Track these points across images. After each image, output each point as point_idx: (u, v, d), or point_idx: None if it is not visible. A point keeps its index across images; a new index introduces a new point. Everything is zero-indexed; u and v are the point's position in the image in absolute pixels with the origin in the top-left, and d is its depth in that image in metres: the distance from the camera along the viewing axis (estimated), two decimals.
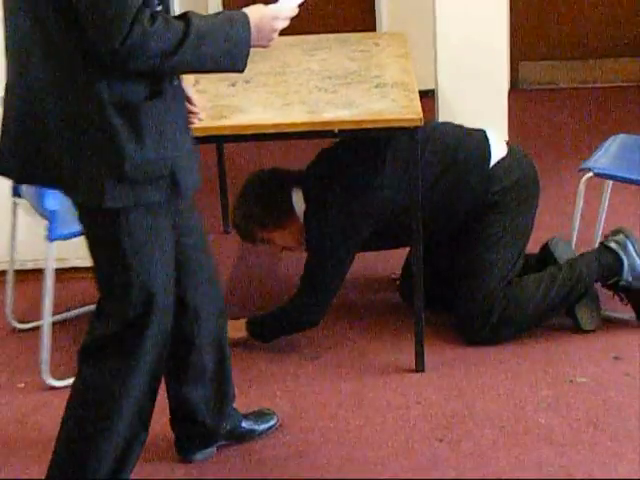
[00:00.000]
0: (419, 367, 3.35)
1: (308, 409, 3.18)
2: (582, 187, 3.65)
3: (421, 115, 3.10)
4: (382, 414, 3.13)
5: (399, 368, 3.38)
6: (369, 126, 3.11)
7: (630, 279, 3.52)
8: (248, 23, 2.42)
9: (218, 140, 3.83)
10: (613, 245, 3.55)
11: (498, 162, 3.49)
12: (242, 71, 2.45)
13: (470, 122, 4.57)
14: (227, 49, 2.38)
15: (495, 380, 3.28)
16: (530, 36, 6.64)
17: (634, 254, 3.52)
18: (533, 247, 3.69)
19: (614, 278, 3.54)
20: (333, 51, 3.98)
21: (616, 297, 3.62)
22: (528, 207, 3.56)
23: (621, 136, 3.95)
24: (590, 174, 3.63)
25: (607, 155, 3.79)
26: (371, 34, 4.64)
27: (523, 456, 2.89)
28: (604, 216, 4.06)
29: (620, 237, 3.57)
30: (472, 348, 3.47)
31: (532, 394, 3.19)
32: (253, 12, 2.45)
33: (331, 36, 4.31)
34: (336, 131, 3.11)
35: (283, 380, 3.35)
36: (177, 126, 2.41)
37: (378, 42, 4.12)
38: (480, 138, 3.53)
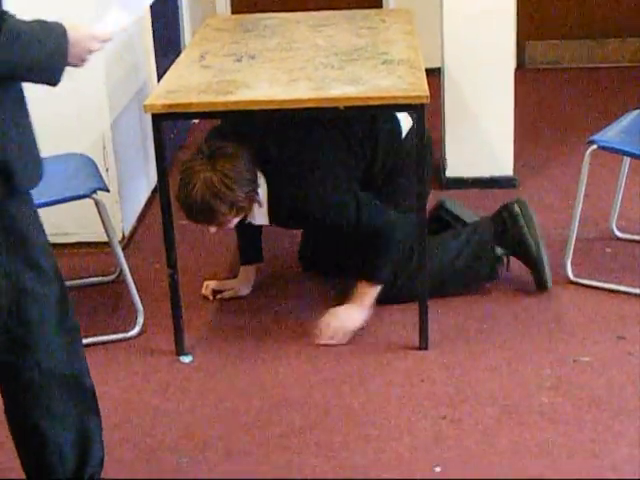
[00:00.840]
0: (423, 345, 3.35)
1: (311, 386, 3.19)
2: (587, 159, 3.63)
3: (427, 92, 3.09)
4: (385, 391, 3.14)
5: (403, 346, 3.38)
6: (375, 103, 3.10)
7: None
8: (65, 36, 2.30)
9: (223, 115, 3.81)
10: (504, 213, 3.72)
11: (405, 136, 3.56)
12: (55, 85, 2.31)
13: (476, 100, 4.58)
14: (40, 58, 2.25)
15: (498, 359, 3.28)
16: (537, 15, 6.62)
17: (521, 222, 3.68)
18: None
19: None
20: (340, 27, 3.96)
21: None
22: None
23: (637, 112, 3.92)
24: (594, 147, 3.61)
25: (616, 129, 3.76)
26: (378, 11, 4.61)
27: (525, 435, 2.89)
28: (621, 194, 4.06)
29: (513, 206, 3.72)
30: (476, 327, 3.48)
31: (535, 373, 3.19)
32: (71, 27, 2.33)
33: (338, 13, 4.29)
34: (342, 107, 3.10)
35: (287, 357, 3.36)
36: (6, 117, 2.27)
37: (385, 19, 4.11)
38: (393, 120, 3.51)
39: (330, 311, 3.48)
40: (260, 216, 3.37)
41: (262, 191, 3.30)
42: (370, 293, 3.46)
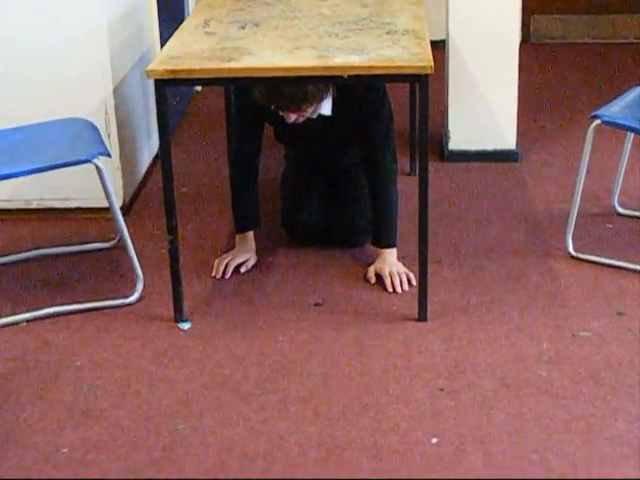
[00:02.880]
0: (422, 316, 3.35)
1: (310, 355, 3.19)
2: (590, 134, 3.60)
3: (432, 62, 3.07)
4: (383, 362, 3.14)
5: (402, 317, 3.39)
6: (380, 72, 3.08)
7: None
8: None
9: (227, 82, 3.80)
10: None
11: None
12: None
13: (480, 74, 4.56)
14: None
15: (497, 331, 3.28)
16: None
17: None
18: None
19: None
20: None
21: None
22: None
23: None
24: (598, 121, 3.59)
25: (621, 105, 3.73)
26: None
27: (522, 408, 2.89)
28: (623, 171, 4.05)
29: None
30: (475, 299, 3.47)
31: (534, 347, 3.19)
32: None
33: None
34: (346, 76, 3.08)
35: (286, 326, 3.36)
36: None
37: None
38: None
39: (379, 266, 3.64)
40: (326, 107, 3.56)
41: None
42: (394, 254, 3.67)
